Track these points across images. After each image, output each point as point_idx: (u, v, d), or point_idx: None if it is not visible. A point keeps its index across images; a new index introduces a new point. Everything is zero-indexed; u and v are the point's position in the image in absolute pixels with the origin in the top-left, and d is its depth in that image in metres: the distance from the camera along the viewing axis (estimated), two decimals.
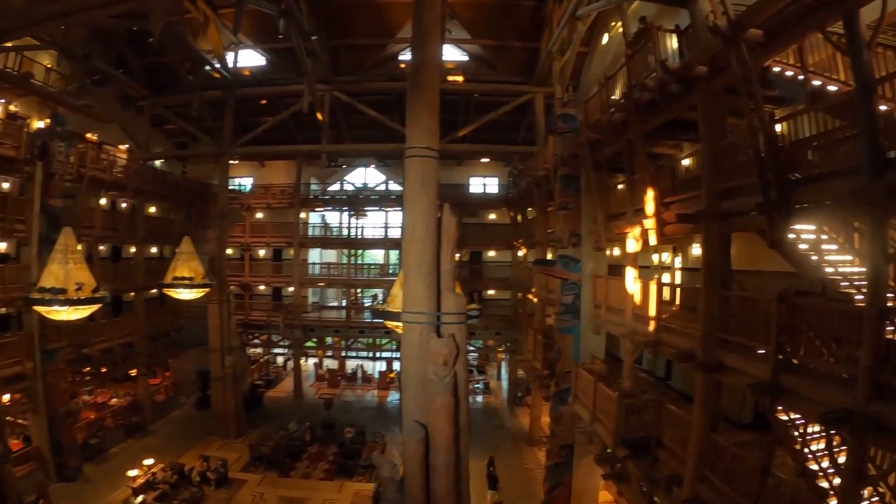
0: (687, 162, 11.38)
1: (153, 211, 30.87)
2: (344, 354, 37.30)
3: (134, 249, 28.00)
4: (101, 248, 25.69)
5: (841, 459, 6.72)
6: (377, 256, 38.56)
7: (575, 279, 16.27)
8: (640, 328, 12.52)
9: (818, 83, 8.63)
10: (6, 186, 21.23)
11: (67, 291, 14.69)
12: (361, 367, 37.07)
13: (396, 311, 10.32)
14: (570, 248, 16.41)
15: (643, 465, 11.33)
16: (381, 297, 31.56)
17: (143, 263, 27.77)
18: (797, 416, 8.07)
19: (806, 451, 7.93)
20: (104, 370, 25.54)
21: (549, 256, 21.94)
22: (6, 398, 19.29)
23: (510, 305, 32.43)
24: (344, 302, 35.11)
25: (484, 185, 35.63)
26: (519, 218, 30.61)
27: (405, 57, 26.03)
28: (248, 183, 36.33)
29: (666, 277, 17.33)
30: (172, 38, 19.63)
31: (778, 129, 7.90)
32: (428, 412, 8.26)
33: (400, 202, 23.59)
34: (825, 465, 7.54)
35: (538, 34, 23.14)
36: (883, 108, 6.45)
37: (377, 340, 34.41)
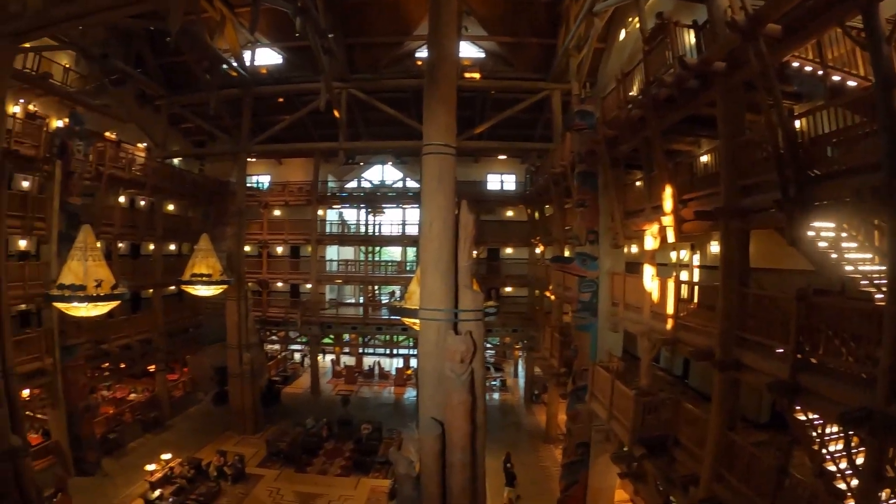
0: (705, 158, 11.24)
1: (171, 209, 31.32)
2: (361, 351, 37.47)
3: (152, 247, 28.30)
4: (120, 245, 26.07)
5: (859, 460, 6.61)
6: (394, 253, 38.67)
7: (592, 276, 16.18)
8: (657, 326, 12.44)
9: (837, 78, 8.50)
10: (26, 185, 21.54)
11: (87, 288, 14.82)
12: (378, 363, 37.27)
13: (414, 307, 10.38)
14: (587, 245, 16.32)
15: (660, 463, 11.26)
16: (398, 293, 31.63)
17: (161, 260, 28.10)
18: (815, 416, 7.94)
19: (824, 451, 7.81)
20: (123, 366, 25.82)
21: (566, 254, 21.89)
22: (26, 393, 19.55)
23: (527, 302, 32.38)
24: (361, 299, 35.25)
25: (501, 181, 35.59)
26: (536, 215, 30.54)
27: (422, 54, 26.03)
28: (265, 180, 36.66)
29: (684, 275, 17.16)
30: (189, 37, 19.78)
31: (797, 125, 7.79)
32: (445, 409, 8.30)
33: (417, 199, 23.59)
34: (843, 466, 7.43)
35: (555, 30, 22.98)
36: None
37: (394, 337, 34.60)
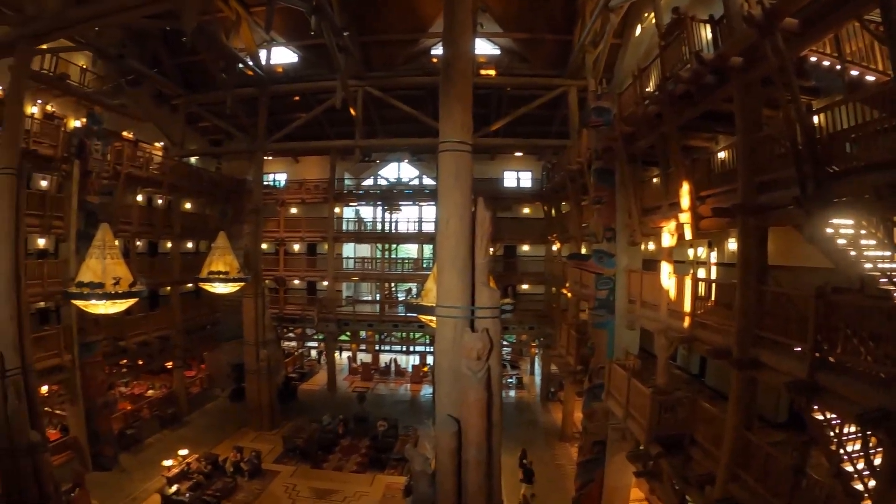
0: (723, 155, 11.11)
1: (189, 207, 31.64)
2: (378, 348, 37.65)
3: (170, 244, 28.67)
4: (138, 243, 26.56)
5: (877, 461, 6.53)
6: (411, 251, 38.74)
7: (609, 274, 16.12)
8: (674, 324, 12.37)
9: (856, 73, 8.35)
10: (44, 184, 21.88)
11: (105, 286, 14.98)
12: (395, 360, 37.41)
13: (430, 305, 10.41)
14: (604, 242, 16.27)
15: (676, 463, 11.18)
16: (414, 291, 31.69)
17: (179, 258, 28.43)
18: (833, 415, 7.86)
19: (841, 451, 7.71)
20: (141, 362, 26.14)
21: (583, 251, 21.83)
22: (45, 389, 19.88)
23: (544, 300, 32.24)
24: (378, 296, 35.39)
25: (518, 179, 35.48)
26: (553, 212, 30.37)
27: (437, 51, 25.99)
28: (282, 178, 36.90)
29: (701, 272, 17.00)
30: (205, 37, 20.00)
31: (815, 120, 7.67)
32: (461, 406, 8.32)
33: (434, 196, 23.64)
34: (861, 466, 7.32)
35: (570, 27, 22.82)
36: None
37: (411, 334, 34.62)
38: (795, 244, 8.92)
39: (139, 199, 26.56)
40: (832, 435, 7.96)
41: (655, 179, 14.50)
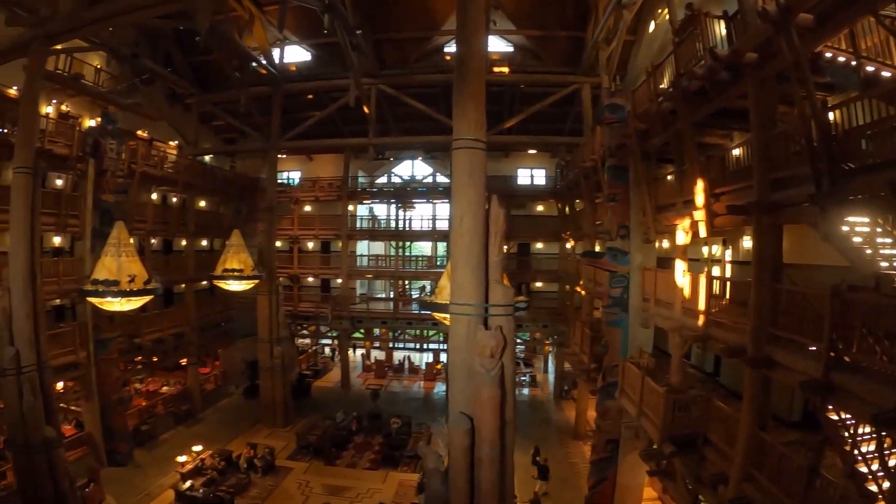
0: (737, 152, 11.02)
1: (203, 205, 31.98)
2: (391, 345, 37.78)
3: (185, 242, 28.96)
4: (152, 241, 26.76)
5: (892, 462, 6.46)
6: (425, 248, 38.79)
7: (623, 272, 16.02)
8: (688, 322, 12.27)
9: (871, 69, 8.23)
10: (60, 183, 22.14)
11: (120, 283, 15.22)
12: (408, 358, 37.55)
13: (444, 302, 10.46)
14: (618, 240, 16.16)
15: (689, 462, 11.11)
16: (428, 288, 31.74)
17: (193, 256, 28.73)
18: (848, 415, 7.76)
19: (856, 452, 7.63)
20: (155, 359, 26.55)
21: (597, 248, 21.74)
22: (60, 385, 20.25)
23: (558, 298, 32.16)
24: (392, 293, 35.48)
25: (531, 176, 35.33)
26: (567, 210, 30.31)
27: (450, 49, 26.01)
28: (296, 176, 37.08)
29: (716, 270, 16.86)
30: (218, 36, 20.10)
31: (830, 117, 7.58)
32: (474, 404, 8.32)
33: (447, 194, 23.60)
34: (875, 467, 7.24)
35: (583, 23, 22.69)
36: None
37: (424, 332, 34.70)
38: (811, 242, 8.81)
39: (154, 197, 26.83)
40: (847, 435, 7.88)
41: (670, 177, 14.41)
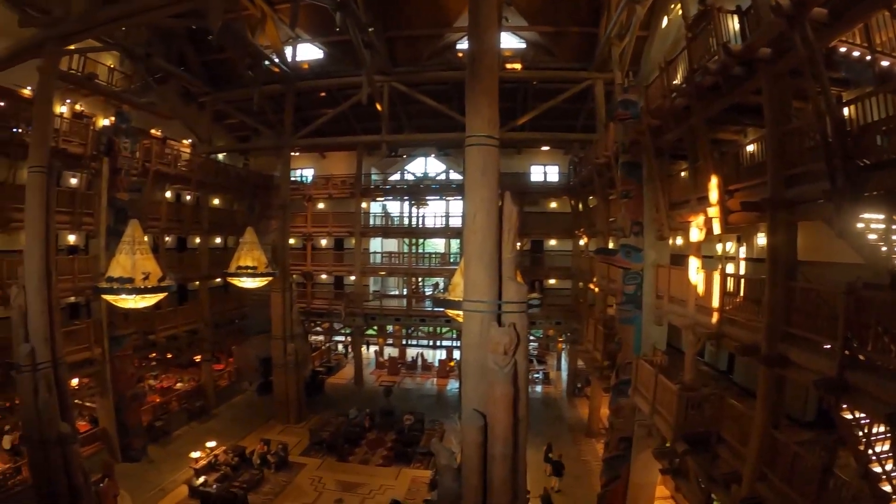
0: (751, 148, 10.91)
1: (217, 203, 32.23)
2: (404, 342, 37.86)
3: (198, 240, 29.15)
4: (166, 238, 26.94)
5: None
6: (438, 245, 38.80)
7: (637, 269, 15.94)
8: (702, 320, 12.21)
9: (886, 63, 8.07)
10: (74, 182, 22.37)
11: (134, 281, 15.37)
12: (422, 355, 37.65)
13: (457, 299, 10.43)
14: (631, 236, 16.09)
15: (702, 460, 11.06)
16: (442, 285, 31.77)
17: (207, 253, 28.95)
18: (862, 415, 7.67)
19: (870, 452, 7.54)
20: (169, 356, 26.67)
21: (610, 245, 21.66)
22: (75, 382, 20.44)
23: (571, 295, 32.03)
24: (405, 290, 35.56)
25: (544, 173, 35.20)
26: (580, 206, 30.21)
27: (463, 46, 25.96)
28: (309, 174, 37.22)
29: (730, 268, 16.72)
30: (231, 35, 20.21)
31: (845, 112, 7.48)
32: (487, 401, 8.31)
33: (460, 191, 23.56)
34: (889, 467, 7.16)
35: (596, 19, 22.57)
36: None
37: (438, 329, 34.77)
38: (825, 239, 8.70)
39: (168, 195, 27.05)
40: (861, 435, 7.80)
41: (683, 173, 14.33)
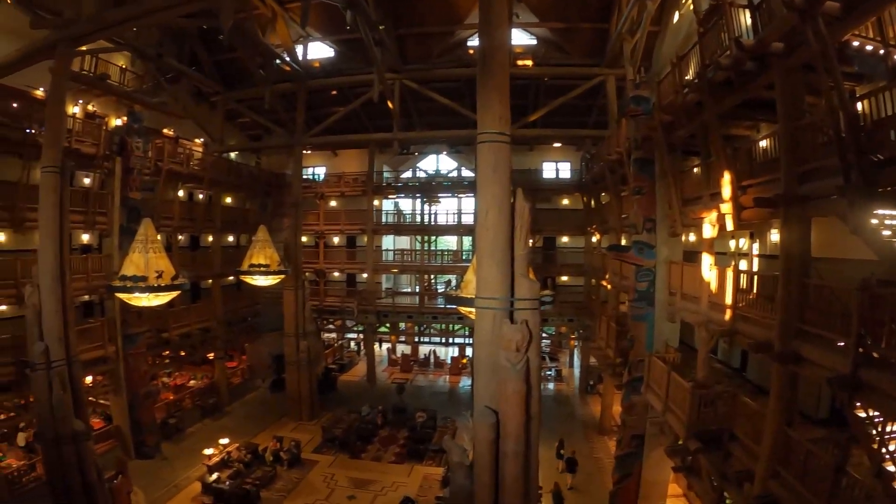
0: (764, 143, 10.81)
1: (229, 201, 32.42)
2: (417, 340, 37.90)
3: (211, 238, 29.37)
4: (179, 237, 27.21)
5: None
6: (450, 242, 38.83)
7: (649, 265, 15.91)
8: (715, 317, 12.16)
9: None
10: (87, 182, 22.62)
11: (148, 279, 15.61)
12: (434, 352, 37.72)
13: (469, 296, 10.48)
14: (644, 233, 16.05)
15: (715, 458, 11.02)
16: (454, 282, 31.74)
17: (220, 252, 29.15)
18: (876, 413, 7.59)
19: (883, 450, 7.46)
20: (183, 354, 26.89)
21: (623, 242, 21.56)
22: (89, 379, 20.77)
23: (583, 292, 32.00)
24: (417, 288, 35.61)
25: (556, 169, 35.14)
26: (592, 203, 30.11)
27: (474, 43, 25.88)
28: (321, 172, 37.34)
29: (743, 264, 16.59)
30: (242, 34, 20.32)
31: (858, 107, 7.39)
32: (499, 398, 8.34)
33: (472, 188, 23.59)
34: None
35: (607, 15, 22.42)
36: None
37: (450, 326, 34.78)
38: (839, 235, 8.61)
39: (180, 194, 27.25)
40: (874, 433, 7.71)
41: (696, 169, 14.23)
